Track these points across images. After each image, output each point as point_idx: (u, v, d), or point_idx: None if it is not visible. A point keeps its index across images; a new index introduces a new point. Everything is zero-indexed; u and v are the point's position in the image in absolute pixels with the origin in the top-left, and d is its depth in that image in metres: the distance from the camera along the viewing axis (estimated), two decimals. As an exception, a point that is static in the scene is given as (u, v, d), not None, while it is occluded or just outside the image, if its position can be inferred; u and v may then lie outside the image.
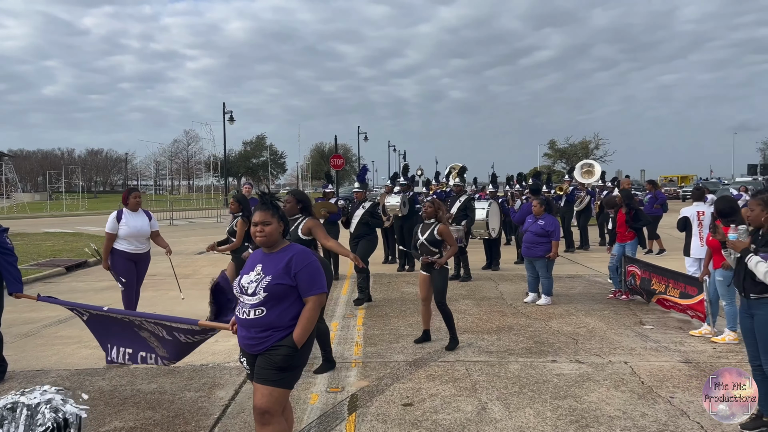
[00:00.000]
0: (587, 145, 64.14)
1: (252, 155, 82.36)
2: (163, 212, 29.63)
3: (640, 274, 8.41)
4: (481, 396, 4.89)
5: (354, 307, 8.39)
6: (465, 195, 11.64)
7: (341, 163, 29.70)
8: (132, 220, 7.07)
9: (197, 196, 51.53)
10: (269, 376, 3.27)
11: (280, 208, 3.44)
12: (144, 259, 7.28)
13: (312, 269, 3.33)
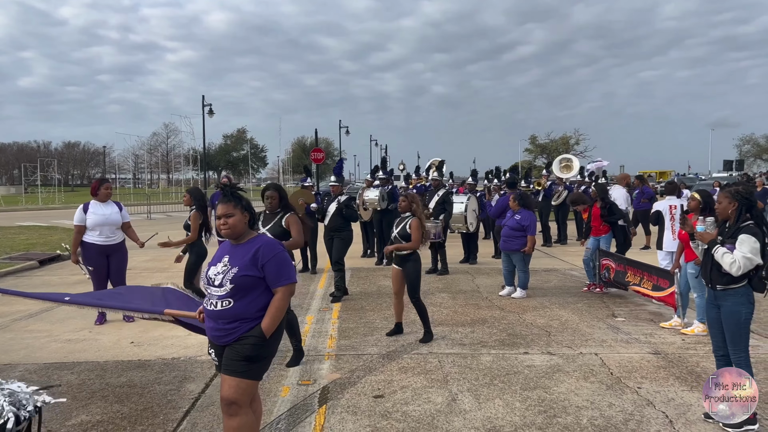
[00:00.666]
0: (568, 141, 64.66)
1: (232, 149, 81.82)
2: (141, 206, 29.32)
3: (615, 267, 8.50)
4: (452, 387, 4.91)
5: (330, 301, 8.37)
6: (443, 189, 11.67)
7: (322, 157, 29.58)
8: (100, 209, 7.03)
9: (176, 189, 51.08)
10: (236, 367, 3.26)
11: (243, 198, 3.41)
12: (117, 250, 7.22)
13: (279, 260, 3.32)
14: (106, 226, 7.07)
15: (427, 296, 8.58)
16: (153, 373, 5.38)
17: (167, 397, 4.78)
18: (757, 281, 4.15)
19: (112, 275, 7.32)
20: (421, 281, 6.40)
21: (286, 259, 3.37)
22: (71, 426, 4.25)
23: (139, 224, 23.42)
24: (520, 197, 8.77)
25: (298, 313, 7.64)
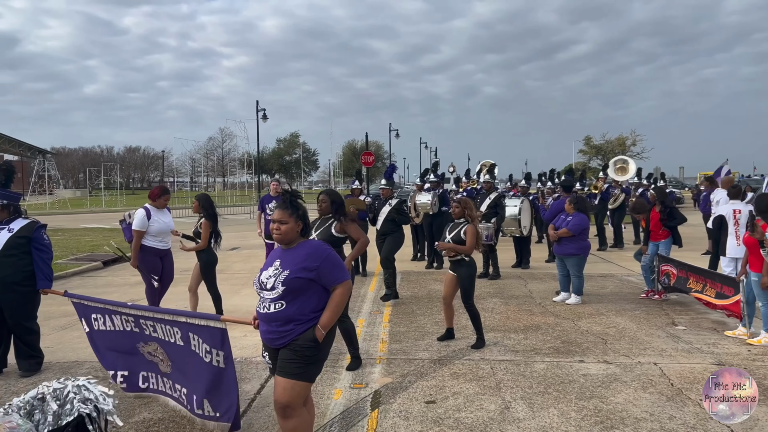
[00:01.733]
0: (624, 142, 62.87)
1: (285, 152, 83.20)
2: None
3: (676, 273, 8.21)
4: (505, 395, 4.85)
5: (381, 304, 8.42)
6: (495, 192, 11.55)
7: (372, 161, 29.76)
8: (162, 217, 7.32)
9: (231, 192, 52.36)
10: (290, 369, 3.32)
11: (299, 207, 3.46)
12: (169, 255, 7.50)
13: (332, 260, 3.40)
14: (165, 233, 7.38)
15: (479, 301, 8.49)
16: (210, 373, 5.52)
17: (224, 398, 4.89)
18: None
19: (164, 277, 7.61)
20: (474, 286, 6.36)
21: (338, 258, 3.45)
22: (134, 423, 4.42)
23: (196, 226, 24.17)
24: (576, 200, 8.58)
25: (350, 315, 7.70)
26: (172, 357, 4.32)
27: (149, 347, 4.47)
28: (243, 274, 11.54)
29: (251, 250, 15.20)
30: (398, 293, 8.86)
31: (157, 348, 4.43)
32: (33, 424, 3.04)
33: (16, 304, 5.46)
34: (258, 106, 36.93)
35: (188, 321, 4.16)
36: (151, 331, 4.37)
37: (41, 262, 5.49)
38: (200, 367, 4.05)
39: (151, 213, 7.35)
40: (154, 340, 4.39)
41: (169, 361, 4.36)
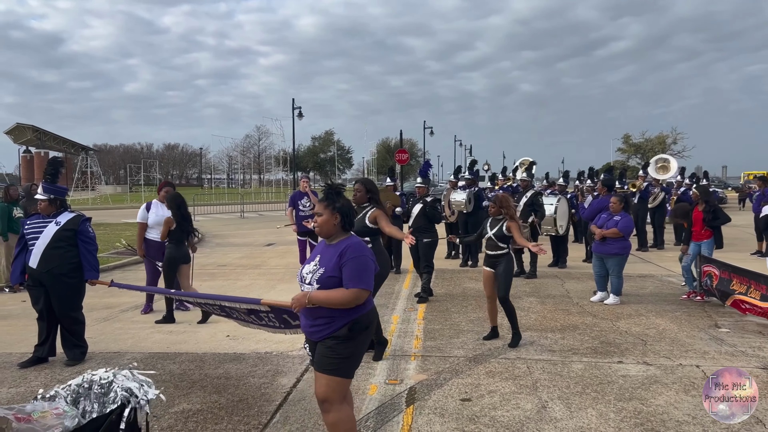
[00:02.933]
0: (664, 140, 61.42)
1: (320, 150, 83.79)
2: (235, 205, 30.61)
3: (719, 274, 7.99)
4: (542, 395, 4.80)
5: (414, 301, 8.40)
6: (532, 190, 11.42)
7: (406, 158, 29.74)
8: (161, 210, 7.60)
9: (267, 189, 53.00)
10: (326, 364, 3.34)
11: (338, 200, 3.46)
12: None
13: (359, 263, 3.31)
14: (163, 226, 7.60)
15: (515, 300, 8.38)
16: (248, 366, 5.61)
17: (261, 390, 4.97)
18: None
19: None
20: (512, 284, 6.31)
21: (366, 264, 3.34)
22: (174, 413, 4.51)
23: (233, 222, 24.56)
24: (624, 199, 8.40)
25: (384, 312, 7.73)
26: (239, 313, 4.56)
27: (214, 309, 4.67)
28: (279, 269, 11.67)
29: (287, 246, 15.35)
30: (432, 291, 8.83)
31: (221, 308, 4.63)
32: (79, 411, 3.13)
33: (63, 294, 5.64)
34: (294, 104, 37.28)
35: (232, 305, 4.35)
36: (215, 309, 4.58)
37: (88, 254, 5.65)
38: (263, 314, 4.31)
39: (150, 206, 7.65)
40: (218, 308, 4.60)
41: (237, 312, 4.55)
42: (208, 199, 37.60)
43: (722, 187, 46.96)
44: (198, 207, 27.88)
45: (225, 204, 32.63)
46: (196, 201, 28.25)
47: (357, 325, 3.34)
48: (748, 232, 15.44)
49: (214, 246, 16.24)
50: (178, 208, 7.22)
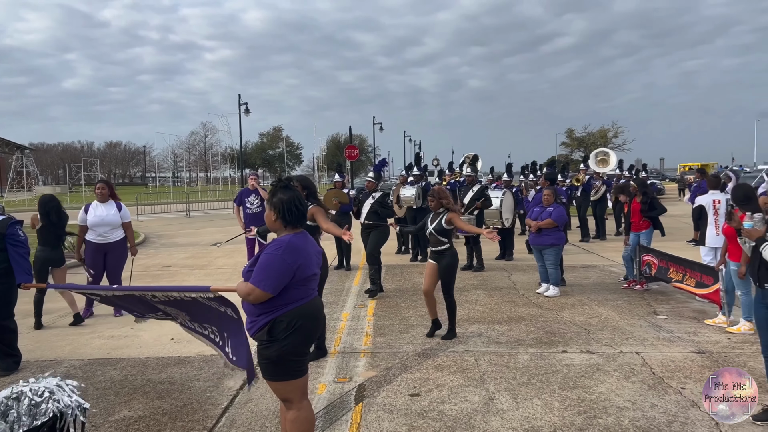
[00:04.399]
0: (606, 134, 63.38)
1: (269, 147, 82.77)
2: (180, 204, 29.88)
3: (657, 263, 8.29)
4: (489, 386, 4.86)
5: (365, 298, 8.39)
6: (478, 185, 11.55)
7: (356, 154, 29.68)
8: (98, 210, 7.42)
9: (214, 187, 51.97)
10: (263, 372, 3.32)
11: (275, 195, 3.36)
12: (114, 249, 7.49)
13: (262, 260, 3.20)
14: (101, 226, 7.37)
15: (463, 293, 8.52)
16: (193, 369, 5.47)
17: (206, 394, 4.85)
18: (809, 279, 3.98)
19: (108, 274, 7.59)
20: (456, 278, 6.36)
21: (269, 263, 3.19)
22: (114, 422, 4.35)
23: (178, 221, 23.94)
24: (555, 191, 8.63)
25: (333, 309, 7.68)
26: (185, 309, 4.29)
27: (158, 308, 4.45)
28: (226, 269, 11.44)
29: (234, 246, 15.03)
30: (383, 287, 8.84)
31: (165, 308, 4.42)
32: (7, 425, 2.97)
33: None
34: (240, 100, 36.65)
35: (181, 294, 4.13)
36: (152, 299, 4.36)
37: (18, 257, 5.37)
38: (219, 315, 4.00)
39: (89, 207, 7.46)
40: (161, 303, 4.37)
41: (183, 312, 4.35)
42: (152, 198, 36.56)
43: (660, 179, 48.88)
44: (141, 206, 27.04)
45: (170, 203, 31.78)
46: (139, 200, 27.40)
47: (277, 326, 3.21)
48: (685, 221, 16.09)
49: (159, 246, 15.81)
50: (46, 215, 7.04)
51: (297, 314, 3.27)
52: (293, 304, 3.27)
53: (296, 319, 3.26)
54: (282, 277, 3.18)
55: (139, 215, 25.20)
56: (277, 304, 3.23)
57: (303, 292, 3.33)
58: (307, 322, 3.34)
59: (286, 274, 3.18)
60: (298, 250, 3.28)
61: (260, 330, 3.25)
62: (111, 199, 7.64)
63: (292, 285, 3.25)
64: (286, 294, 3.24)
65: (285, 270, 3.19)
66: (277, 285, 3.17)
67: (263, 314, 3.23)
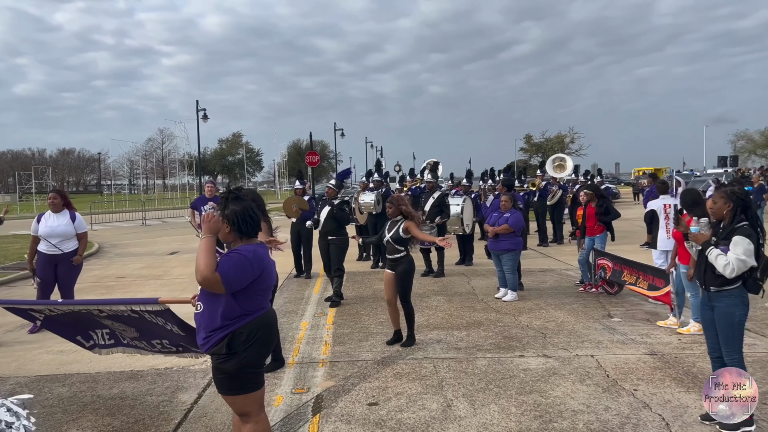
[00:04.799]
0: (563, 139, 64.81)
1: (228, 153, 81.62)
2: (136, 212, 29.21)
3: (612, 266, 8.47)
4: (447, 393, 4.87)
5: (324, 306, 8.33)
6: (438, 191, 11.62)
7: (317, 160, 29.50)
8: (50, 220, 7.30)
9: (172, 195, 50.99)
10: (220, 386, 3.25)
11: (226, 207, 3.29)
12: (65, 260, 7.34)
13: (235, 259, 3.15)
14: (53, 237, 7.20)
15: (423, 299, 8.54)
16: (145, 383, 5.32)
17: (159, 409, 4.72)
18: (752, 282, 4.11)
19: (60, 286, 7.40)
20: (412, 284, 6.37)
21: (241, 263, 3.14)
22: (61, 440, 4.20)
23: (134, 230, 23.38)
24: (512, 197, 8.75)
25: (292, 319, 7.60)
26: (133, 325, 4.25)
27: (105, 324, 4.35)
28: (182, 279, 11.20)
29: (191, 255, 14.78)
30: (343, 294, 8.79)
31: (112, 323, 4.32)
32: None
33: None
34: (198, 105, 36.06)
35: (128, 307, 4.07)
36: (98, 313, 4.25)
37: None
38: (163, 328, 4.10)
39: (41, 217, 7.31)
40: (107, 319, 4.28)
41: (131, 328, 4.28)
42: (107, 206, 35.66)
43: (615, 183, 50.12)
44: (96, 215, 26.33)
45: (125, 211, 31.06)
46: (93, 209, 26.66)
47: (236, 338, 3.15)
48: (639, 225, 16.49)
49: (113, 257, 15.40)
50: None
51: (257, 325, 3.24)
52: (252, 314, 3.23)
53: (256, 330, 3.22)
54: (243, 279, 3.14)
55: (94, 224, 24.52)
56: (237, 315, 3.18)
57: (262, 302, 3.32)
58: (267, 332, 3.32)
59: (247, 278, 3.15)
60: (263, 260, 3.27)
61: (218, 344, 3.17)
62: (65, 209, 7.42)
63: (253, 293, 3.23)
64: (246, 303, 3.20)
65: (249, 275, 3.16)
66: (236, 284, 3.12)
67: (221, 327, 3.17)
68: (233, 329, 3.17)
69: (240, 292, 3.17)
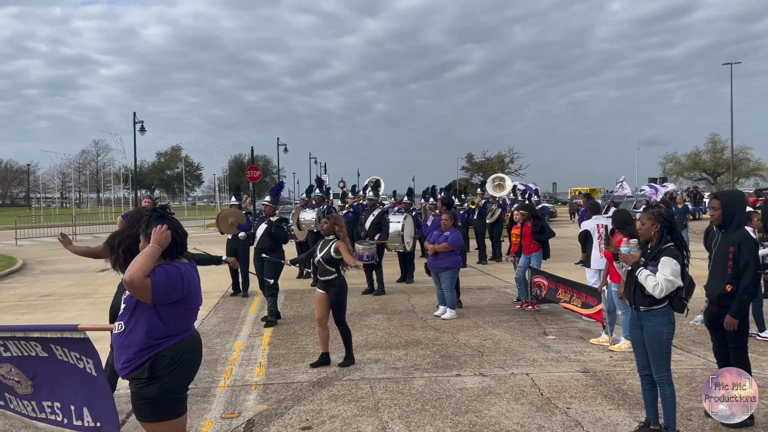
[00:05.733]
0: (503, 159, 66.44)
1: (166, 166, 79.52)
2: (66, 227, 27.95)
3: (547, 284, 8.63)
4: (383, 415, 4.78)
5: (261, 326, 8.11)
6: (379, 209, 11.62)
7: (258, 175, 29.04)
8: None
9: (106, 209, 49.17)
10: (139, 412, 3.07)
11: (149, 226, 3.15)
12: None
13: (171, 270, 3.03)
14: None
15: (362, 318, 8.46)
16: (64, 411, 4.99)
17: (77, 438, 4.43)
18: (678, 302, 4.24)
19: None
20: (347, 305, 6.29)
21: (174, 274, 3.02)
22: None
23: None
24: (452, 216, 8.83)
25: (226, 339, 7.37)
26: (34, 372, 3.90)
27: (2, 369, 3.97)
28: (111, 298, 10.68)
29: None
30: (280, 313, 8.59)
31: (11, 369, 3.96)
32: None
33: None
34: (135, 117, 35.01)
35: (44, 335, 3.77)
36: (2, 350, 3.90)
37: None
38: (74, 375, 3.74)
39: None
40: (7, 361, 3.92)
41: (29, 380, 3.93)
42: (35, 221, 34.00)
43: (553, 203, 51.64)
44: (21, 230, 25.00)
45: (55, 226, 29.63)
46: (18, 223, 25.32)
47: (159, 362, 3.00)
48: (574, 243, 16.95)
49: (38, 274, 14.63)
50: None
51: (181, 348, 3.09)
52: (177, 336, 3.08)
53: (180, 353, 3.07)
54: (172, 294, 2.99)
55: (19, 239, 23.27)
56: (162, 336, 3.02)
57: (187, 324, 3.17)
58: (192, 355, 3.17)
59: (176, 293, 3.01)
60: (192, 278, 3.15)
61: (139, 368, 3.00)
62: None
63: (181, 314, 3.09)
64: (172, 324, 3.05)
65: (179, 290, 3.01)
66: (163, 296, 2.96)
67: (145, 349, 3.00)
68: (156, 352, 3.01)
69: (167, 311, 3.02)
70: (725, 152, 64.53)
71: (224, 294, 10.69)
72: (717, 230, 4.78)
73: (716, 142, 67.70)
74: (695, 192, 39.22)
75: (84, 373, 3.67)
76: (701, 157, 69.09)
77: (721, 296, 4.58)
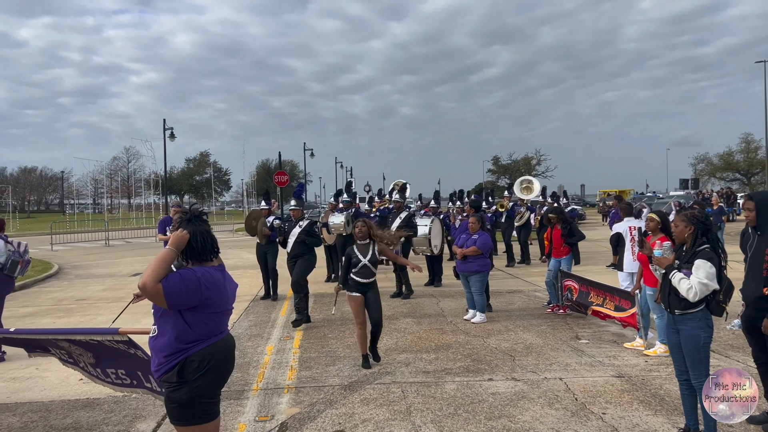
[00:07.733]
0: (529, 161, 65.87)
1: (195, 172, 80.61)
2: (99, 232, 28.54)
3: (578, 287, 8.52)
4: (415, 419, 4.77)
5: (291, 329, 8.17)
6: (405, 211, 11.61)
7: (285, 180, 29.28)
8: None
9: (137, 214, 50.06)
10: (172, 416, 3.09)
11: (177, 228, 3.19)
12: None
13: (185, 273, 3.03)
14: None
15: (392, 321, 8.46)
16: (102, 412, 5.10)
17: (115, 440, 4.52)
18: (715, 305, 4.14)
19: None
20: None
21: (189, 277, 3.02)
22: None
23: (97, 251, 22.77)
24: (480, 219, 8.78)
25: (257, 343, 7.43)
26: (91, 350, 4.10)
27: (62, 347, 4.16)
28: (146, 302, 10.82)
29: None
30: (310, 317, 8.64)
31: (70, 346, 4.14)
32: None
33: None
34: (165, 124, 35.62)
35: (87, 339, 3.92)
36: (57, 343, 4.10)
37: None
38: (128, 357, 3.99)
39: None
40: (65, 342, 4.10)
41: (90, 353, 4.10)
42: (69, 226, 34.76)
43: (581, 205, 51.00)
44: (57, 235, 25.59)
45: (88, 231, 30.28)
46: (54, 229, 25.92)
47: (188, 366, 3.02)
48: (605, 246, 16.73)
49: (73, 278, 14.94)
50: None
51: (210, 353, 3.09)
52: (206, 341, 3.09)
53: (209, 358, 3.08)
54: (188, 298, 2.98)
55: (54, 245, 23.83)
56: (190, 340, 3.04)
57: (216, 328, 3.15)
58: (220, 361, 3.16)
59: (193, 298, 2.99)
60: (215, 282, 3.10)
61: (169, 372, 3.04)
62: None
63: (208, 318, 3.08)
64: (200, 328, 3.06)
65: (195, 295, 2.99)
66: (178, 301, 2.97)
67: (174, 354, 3.03)
68: (185, 356, 3.03)
69: (192, 316, 3.04)
70: (759, 152, 62.98)
71: (254, 297, 10.79)
72: (752, 232, 4.66)
73: (749, 142, 66.13)
74: (729, 193, 38.36)
75: (136, 357, 3.85)
76: (734, 158, 67.50)
77: (758, 299, 4.45)
